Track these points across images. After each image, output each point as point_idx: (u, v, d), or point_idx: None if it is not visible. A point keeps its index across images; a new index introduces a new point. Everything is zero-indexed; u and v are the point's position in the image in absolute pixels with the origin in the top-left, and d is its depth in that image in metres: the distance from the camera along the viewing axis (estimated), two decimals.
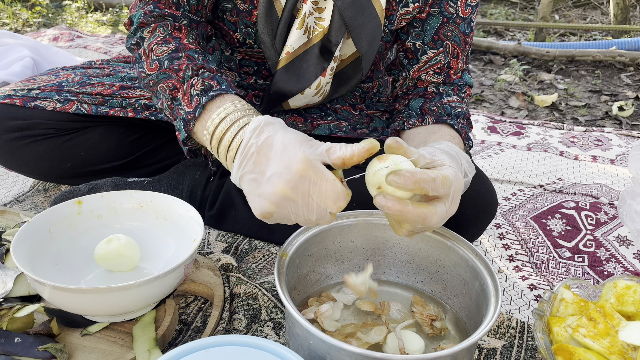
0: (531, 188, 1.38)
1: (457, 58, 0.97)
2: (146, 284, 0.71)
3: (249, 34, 0.94)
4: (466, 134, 0.93)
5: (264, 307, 0.86)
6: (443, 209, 0.64)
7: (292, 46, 0.90)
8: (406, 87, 1.02)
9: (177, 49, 0.83)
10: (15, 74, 1.71)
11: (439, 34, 0.95)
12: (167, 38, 0.84)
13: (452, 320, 0.83)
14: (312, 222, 0.66)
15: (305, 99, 0.96)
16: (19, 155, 1.09)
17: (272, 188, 0.65)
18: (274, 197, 0.65)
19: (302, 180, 0.63)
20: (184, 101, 0.78)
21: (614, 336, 0.70)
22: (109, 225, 0.88)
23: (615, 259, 1.10)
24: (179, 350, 0.60)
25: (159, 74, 0.81)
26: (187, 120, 0.77)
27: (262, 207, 0.67)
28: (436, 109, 0.94)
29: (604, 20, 3.59)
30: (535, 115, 2.05)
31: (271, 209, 0.66)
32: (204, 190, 1.05)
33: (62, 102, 1.07)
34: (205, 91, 0.77)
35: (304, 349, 0.67)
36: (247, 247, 1.04)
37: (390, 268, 0.89)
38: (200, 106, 0.76)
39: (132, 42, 0.88)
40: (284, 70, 0.92)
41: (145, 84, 0.85)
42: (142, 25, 0.86)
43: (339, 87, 0.99)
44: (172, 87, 0.80)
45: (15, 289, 0.80)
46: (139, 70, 0.86)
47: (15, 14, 3.09)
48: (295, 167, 0.63)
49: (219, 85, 0.78)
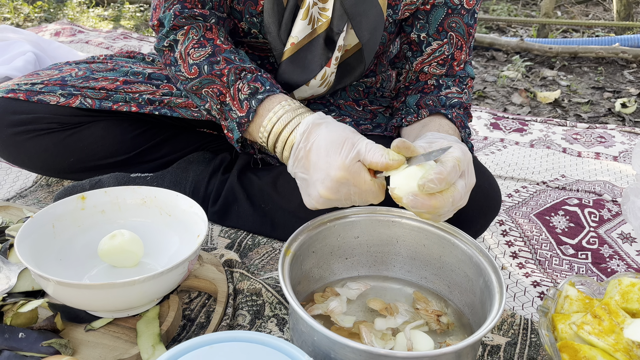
0: (534, 185, 1.37)
1: (460, 49, 0.97)
2: (150, 280, 0.71)
3: (254, 23, 0.95)
4: (462, 122, 0.94)
5: (268, 303, 0.86)
6: (462, 185, 0.71)
7: (296, 37, 0.90)
8: (409, 80, 1.03)
9: (213, 52, 0.88)
10: (18, 69, 1.71)
11: (444, 25, 0.95)
12: (202, 41, 0.88)
13: (456, 317, 0.82)
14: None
15: (311, 90, 0.96)
16: (22, 150, 1.09)
17: (316, 192, 0.75)
18: (319, 199, 0.75)
19: (342, 185, 0.72)
20: (234, 106, 0.86)
21: (618, 333, 0.70)
22: (112, 220, 0.88)
23: (618, 256, 1.10)
24: (183, 346, 0.59)
25: (202, 79, 0.87)
26: (241, 123, 0.85)
27: (311, 204, 0.78)
28: (431, 102, 0.95)
29: (607, 16, 3.57)
30: (538, 112, 2.04)
31: (318, 207, 0.77)
32: (207, 186, 1.05)
33: (65, 96, 1.06)
34: (253, 94, 0.84)
35: (308, 345, 0.67)
36: (251, 243, 1.03)
37: (393, 265, 0.89)
38: (252, 110, 0.84)
39: (165, 44, 0.91)
40: (289, 61, 0.92)
41: (187, 88, 0.91)
42: (174, 28, 0.89)
43: (343, 78, 0.99)
44: (218, 93, 0.87)
45: (19, 284, 0.80)
46: (176, 73, 0.90)
47: (17, 9, 3.09)
48: (334, 175, 0.72)
49: (263, 86, 0.84)
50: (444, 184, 0.67)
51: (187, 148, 1.16)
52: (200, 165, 1.07)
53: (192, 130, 1.18)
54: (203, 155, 1.11)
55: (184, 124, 1.17)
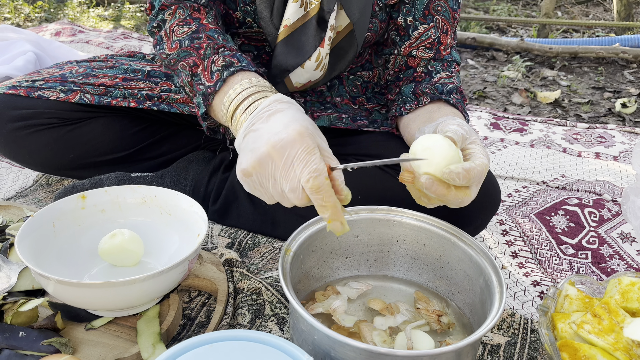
0: (534, 185, 1.37)
1: (446, 33, 0.99)
2: (150, 279, 0.71)
3: (248, 12, 0.95)
4: (462, 108, 0.96)
5: (268, 302, 0.86)
6: (475, 192, 0.71)
7: (289, 19, 0.91)
8: (398, 65, 1.03)
9: (197, 29, 0.86)
10: (18, 69, 1.71)
11: (429, 9, 0.97)
12: (187, 19, 0.88)
13: (456, 316, 0.82)
14: (282, 195, 0.68)
15: (307, 73, 0.96)
16: (23, 145, 1.09)
17: (264, 142, 0.66)
18: (261, 151, 0.66)
19: (293, 143, 0.64)
20: (204, 77, 0.82)
21: (618, 332, 0.70)
22: (112, 220, 0.88)
23: (618, 256, 1.10)
24: (183, 345, 0.59)
25: (180, 52, 0.85)
26: (206, 94, 0.81)
27: (246, 162, 0.68)
28: (429, 90, 0.96)
29: (607, 16, 3.58)
30: (538, 112, 2.04)
31: (254, 164, 0.67)
32: (208, 185, 1.05)
33: (65, 92, 1.07)
34: (226, 67, 0.80)
35: (308, 344, 0.67)
36: (251, 242, 1.03)
37: (393, 264, 0.89)
38: (221, 80, 0.79)
39: (154, 24, 0.91)
40: (283, 43, 0.93)
41: (167, 64, 0.88)
42: (163, 8, 0.90)
43: (337, 63, 1.00)
44: (192, 64, 0.83)
45: (20, 283, 0.80)
46: (160, 52, 0.89)
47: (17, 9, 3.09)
48: (293, 130, 0.65)
49: (240, 62, 0.81)
50: (465, 181, 0.67)
51: (187, 146, 1.16)
52: (201, 164, 1.08)
53: (192, 128, 1.18)
54: (203, 154, 1.11)
55: (184, 122, 1.17)
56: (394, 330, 0.77)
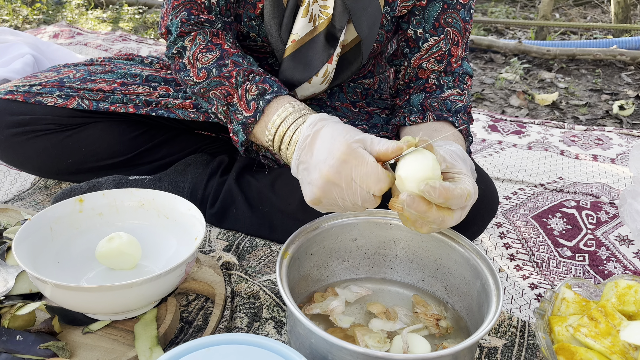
0: (532, 187, 1.38)
1: (457, 45, 0.98)
2: (148, 283, 0.71)
3: (252, 26, 0.95)
4: (467, 131, 0.95)
5: (266, 306, 0.86)
6: (459, 216, 0.69)
7: (297, 34, 0.91)
8: (408, 77, 1.03)
9: (221, 55, 0.88)
10: (16, 71, 1.71)
11: (440, 21, 0.96)
12: (209, 46, 0.89)
13: (453, 319, 0.83)
14: (358, 206, 0.70)
15: (312, 87, 0.97)
16: (20, 151, 1.09)
17: (318, 174, 0.70)
18: (319, 182, 0.70)
19: (344, 164, 0.68)
20: (241, 106, 0.85)
21: (615, 336, 0.70)
22: (110, 223, 0.88)
23: (615, 259, 1.10)
24: (180, 349, 0.60)
25: (210, 81, 0.87)
26: (246, 124, 0.84)
27: (311, 194, 0.72)
28: (437, 105, 0.95)
29: (605, 19, 3.58)
30: (536, 114, 2.05)
31: (319, 194, 0.71)
32: (205, 188, 1.05)
33: (63, 97, 1.07)
34: (261, 95, 0.84)
35: (306, 347, 0.68)
36: (248, 245, 1.04)
37: (391, 267, 0.89)
38: (260, 110, 0.83)
39: (174, 51, 0.92)
40: (290, 58, 0.93)
41: (196, 91, 0.90)
42: (181, 35, 0.90)
43: (340, 73, 1.00)
44: (226, 94, 0.87)
45: (17, 287, 0.80)
46: (185, 79, 0.91)
47: (15, 11, 3.09)
48: (337, 153, 0.68)
49: (271, 87, 0.84)
50: (442, 199, 0.64)
51: (185, 150, 1.16)
52: (198, 168, 1.08)
53: (190, 132, 1.19)
54: (201, 158, 1.11)
55: (182, 126, 1.17)
56: (392, 334, 0.77)
